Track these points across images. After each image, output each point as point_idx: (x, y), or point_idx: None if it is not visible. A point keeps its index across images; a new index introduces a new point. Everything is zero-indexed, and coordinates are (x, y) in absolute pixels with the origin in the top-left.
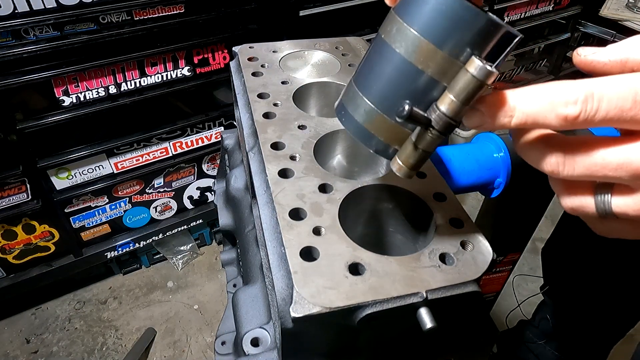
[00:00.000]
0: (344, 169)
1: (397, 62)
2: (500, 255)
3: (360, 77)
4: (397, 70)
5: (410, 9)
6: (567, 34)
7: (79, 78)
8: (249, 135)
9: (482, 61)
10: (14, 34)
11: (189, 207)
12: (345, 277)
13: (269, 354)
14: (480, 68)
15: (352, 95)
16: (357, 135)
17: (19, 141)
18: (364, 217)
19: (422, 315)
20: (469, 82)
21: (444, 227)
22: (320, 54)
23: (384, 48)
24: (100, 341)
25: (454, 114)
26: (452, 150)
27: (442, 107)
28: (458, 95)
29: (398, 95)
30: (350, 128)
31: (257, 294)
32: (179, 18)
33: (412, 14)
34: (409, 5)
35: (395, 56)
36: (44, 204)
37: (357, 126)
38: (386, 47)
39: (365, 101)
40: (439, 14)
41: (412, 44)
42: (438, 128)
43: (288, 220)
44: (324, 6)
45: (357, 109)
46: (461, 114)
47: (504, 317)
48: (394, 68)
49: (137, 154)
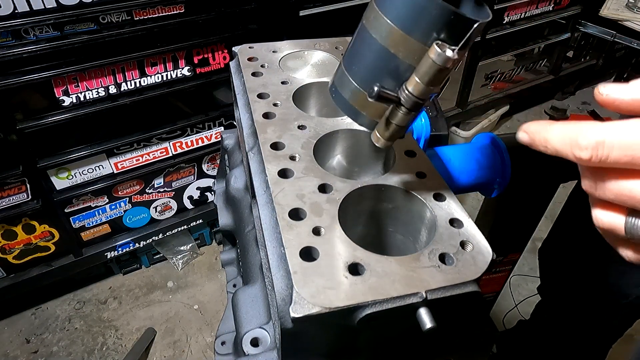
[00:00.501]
0: (344, 169)
1: (374, 46)
2: (500, 255)
3: (347, 59)
4: (374, 54)
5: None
6: (567, 34)
7: (79, 78)
8: (248, 135)
9: (441, 47)
10: (14, 34)
11: (189, 207)
12: (345, 277)
13: (269, 354)
14: (439, 54)
15: (340, 75)
16: (346, 111)
17: (19, 141)
18: (364, 217)
19: (422, 316)
20: (430, 66)
21: (443, 227)
22: (320, 54)
23: (365, 34)
24: (100, 341)
25: (420, 94)
26: (452, 150)
27: (409, 88)
28: (422, 77)
29: (375, 76)
30: (340, 105)
31: (257, 294)
32: (179, 18)
33: (386, 4)
34: None
35: (372, 41)
36: (44, 204)
37: (345, 103)
38: (366, 33)
39: (351, 81)
40: (406, 4)
41: (386, 30)
42: (407, 106)
43: (288, 221)
44: (324, 6)
45: (345, 88)
46: (426, 93)
47: (500, 313)
48: (372, 51)
49: (137, 154)
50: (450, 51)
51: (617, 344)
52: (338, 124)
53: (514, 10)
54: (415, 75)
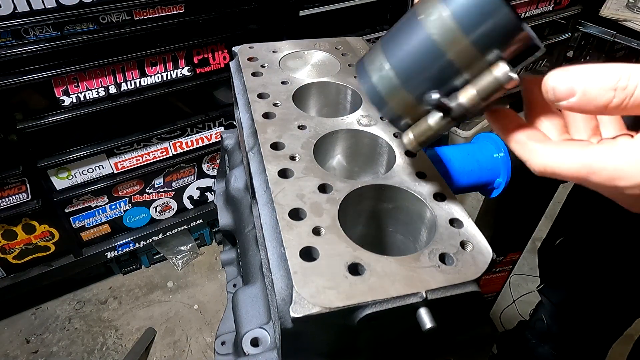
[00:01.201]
0: (344, 169)
1: (425, 41)
2: (500, 255)
3: (389, 44)
4: (422, 48)
5: None
6: (567, 34)
7: (79, 78)
8: (248, 135)
9: (509, 66)
10: (14, 34)
11: (189, 207)
12: (345, 277)
13: (269, 354)
14: (505, 74)
15: (375, 57)
16: (370, 96)
17: (19, 141)
18: (364, 217)
19: (422, 316)
20: (492, 83)
21: (443, 227)
22: (320, 54)
23: (415, 22)
24: (100, 341)
25: (472, 106)
26: (452, 150)
27: (463, 99)
28: (480, 91)
29: (423, 77)
30: (365, 87)
31: (257, 294)
32: (179, 18)
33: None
34: None
35: (423, 33)
36: (44, 204)
37: (373, 89)
38: (419, 25)
39: (388, 69)
40: (479, 6)
41: (445, 28)
42: (454, 116)
43: (288, 221)
44: (324, 6)
45: (377, 72)
46: (478, 107)
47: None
48: (420, 44)
49: (137, 154)
50: (515, 74)
51: (617, 344)
52: (338, 124)
53: None
54: (473, 87)
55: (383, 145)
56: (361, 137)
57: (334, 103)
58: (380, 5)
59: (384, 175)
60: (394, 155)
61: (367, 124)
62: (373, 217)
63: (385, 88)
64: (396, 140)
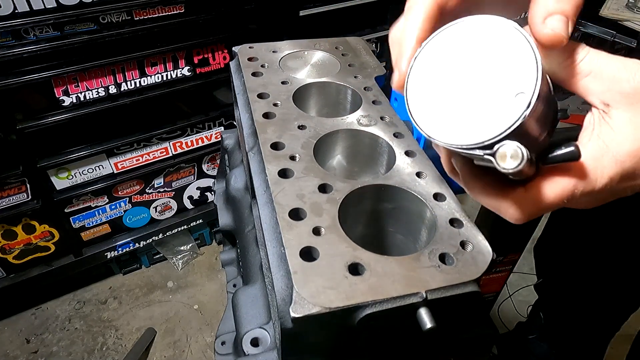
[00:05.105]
0: (344, 169)
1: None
2: (500, 255)
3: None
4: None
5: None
6: None
7: (79, 78)
8: (249, 135)
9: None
10: (14, 34)
11: (189, 207)
12: (345, 277)
13: (269, 354)
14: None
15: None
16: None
17: (19, 141)
18: (364, 217)
19: (422, 316)
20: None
21: (444, 227)
22: (320, 54)
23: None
24: (100, 341)
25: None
26: None
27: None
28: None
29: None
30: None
31: (257, 294)
32: (179, 18)
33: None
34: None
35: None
36: (44, 204)
37: None
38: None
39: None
40: None
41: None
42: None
43: (288, 220)
44: (324, 6)
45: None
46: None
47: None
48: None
49: (137, 154)
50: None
51: (617, 343)
52: (338, 124)
53: None
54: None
55: (383, 145)
56: (361, 137)
57: (334, 103)
58: (380, 5)
59: (384, 175)
60: (394, 155)
61: (367, 124)
62: (373, 217)
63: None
64: (396, 140)
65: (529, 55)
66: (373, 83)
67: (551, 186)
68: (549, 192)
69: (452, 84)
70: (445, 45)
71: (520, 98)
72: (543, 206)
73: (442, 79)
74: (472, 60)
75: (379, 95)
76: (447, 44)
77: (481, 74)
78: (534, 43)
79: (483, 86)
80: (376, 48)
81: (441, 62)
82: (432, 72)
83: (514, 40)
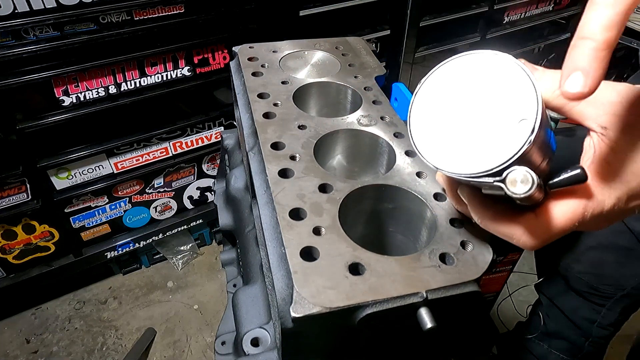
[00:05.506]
0: (344, 169)
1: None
2: (500, 255)
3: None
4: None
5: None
6: (567, 34)
7: (79, 78)
8: (249, 135)
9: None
10: (14, 34)
11: (189, 207)
12: (345, 277)
13: (269, 354)
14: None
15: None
16: None
17: (19, 141)
18: (364, 217)
19: (422, 315)
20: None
21: (444, 227)
22: (320, 54)
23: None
24: (100, 341)
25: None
26: None
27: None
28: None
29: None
30: None
31: (257, 294)
32: (179, 18)
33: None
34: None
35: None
36: (44, 204)
37: None
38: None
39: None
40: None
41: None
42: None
43: (288, 220)
44: (324, 6)
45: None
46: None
47: (500, 313)
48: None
49: (137, 154)
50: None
51: (617, 344)
52: (338, 124)
53: (514, 10)
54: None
55: (383, 145)
56: (361, 137)
57: (334, 103)
58: (380, 5)
59: (384, 175)
60: (394, 155)
61: (367, 123)
62: (373, 217)
63: None
64: (396, 140)
65: (527, 85)
66: (373, 83)
67: (561, 210)
68: (559, 216)
69: (454, 115)
70: (445, 78)
71: (523, 124)
72: (555, 231)
73: (445, 110)
74: (472, 92)
75: (379, 95)
76: (447, 77)
77: (482, 104)
78: (530, 73)
79: (485, 116)
80: (376, 48)
81: (442, 95)
82: (434, 104)
83: (511, 72)
